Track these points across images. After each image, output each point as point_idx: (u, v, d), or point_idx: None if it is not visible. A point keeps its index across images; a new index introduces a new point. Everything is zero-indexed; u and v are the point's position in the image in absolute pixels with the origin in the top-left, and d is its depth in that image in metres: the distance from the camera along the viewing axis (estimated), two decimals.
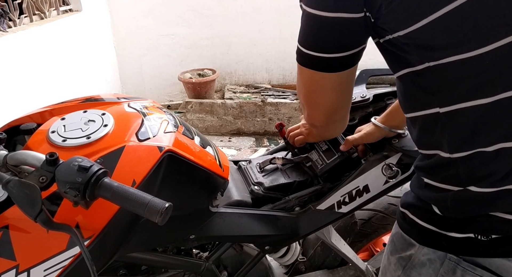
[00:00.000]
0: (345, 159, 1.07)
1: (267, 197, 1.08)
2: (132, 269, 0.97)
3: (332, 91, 0.68)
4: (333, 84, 0.67)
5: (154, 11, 3.73)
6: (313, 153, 1.13)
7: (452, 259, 0.62)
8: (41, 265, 0.65)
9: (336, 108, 0.73)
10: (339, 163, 1.07)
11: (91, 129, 0.75)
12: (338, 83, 0.67)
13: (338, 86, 0.67)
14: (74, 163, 0.58)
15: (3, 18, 2.27)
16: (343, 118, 0.79)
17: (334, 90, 0.68)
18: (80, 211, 0.66)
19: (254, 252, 1.14)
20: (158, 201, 0.56)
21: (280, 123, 1.19)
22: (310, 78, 0.67)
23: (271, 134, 3.48)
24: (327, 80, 0.66)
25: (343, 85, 0.68)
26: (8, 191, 0.58)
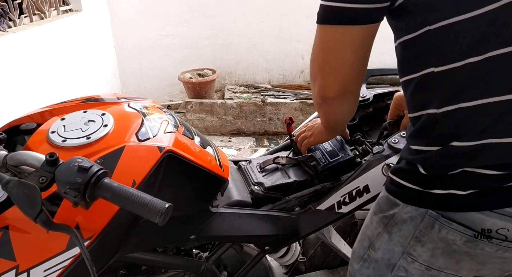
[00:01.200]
0: (347, 159, 1.08)
1: (267, 197, 1.08)
2: (132, 269, 0.97)
3: (352, 51, 0.66)
4: (355, 41, 0.65)
5: (154, 11, 3.73)
6: (317, 152, 1.14)
7: (432, 215, 0.66)
8: (41, 266, 0.65)
9: (354, 73, 0.69)
10: (341, 163, 1.08)
11: (91, 130, 0.75)
12: (360, 41, 0.65)
13: (360, 45, 0.65)
14: (74, 163, 0.58)
15: (3, 18, 2.27)
16: (355, 92, 0.75)
17: (355, 50, 0.66)
18: (80, 212, 0.66)
19: (254, 252, 1.14)
20: (158, 201, 0.56)
21: (290, 118, 1.19)
22: (331, 36, 0.66)
23: (271, 134, 3.48)
24: (350, 35, 0.64)
25: (364, 45, 0.66)
26: (8, 191, 0.58)
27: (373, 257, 0.78)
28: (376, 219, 0.78)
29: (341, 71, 0.69)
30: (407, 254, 0.72)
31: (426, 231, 0.68)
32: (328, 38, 0.66)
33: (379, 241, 0.76)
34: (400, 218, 0.72)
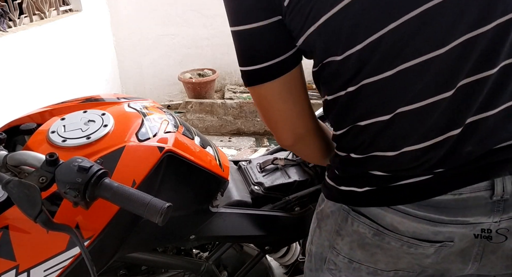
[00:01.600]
0: None
1: (267, 197, 1.08)
2: (132, 269, 0.97)
3: (282, 102, 0.69)
4: (280, 93, 0.68)
5: (154, 11, 3.73)
6: None
7: (345, 209, 0.72)
8: (41, 266, 0.65)
9: (295, 120, 0.72)
10: None
11: (91, 130, 0.75)
12: (285, 90, 0.68)
13: (287, 94, 0.69)
14: (74, 163, 0.58)
15: (3, 18, 2.27)
16: (311, 134, 0.77)
17: (284, 100, 0.69)
18: (80, 212, 0.66)
19: (254, 252, 1.15)
20: (158, 201, 0.56)
21: None
22: (258, 95, 0.70)
23: (271, 134, 3.47)
24: (272, 90, 0.68)
25: (292, 92, 0.69)
26: (8, 191, 0.58)
27: (312, 251, 0.83)
28: (314, 215, 0.83)
29: (282, 122, 0.72)
30: (332, 247, 0.76)
31: (343, 224, 0.73)
32: (257, 97, 0.71)
33: (314, 236, 0.81)
34: (325, 213, 0.77)
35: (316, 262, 0.81)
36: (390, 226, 0.67)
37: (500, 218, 0.63)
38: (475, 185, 0.62)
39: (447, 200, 0.63)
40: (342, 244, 0.74)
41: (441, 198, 0.63)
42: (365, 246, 0.71)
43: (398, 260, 0.70)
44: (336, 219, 0.74)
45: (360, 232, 0.70)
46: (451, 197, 0.63)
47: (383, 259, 0.70)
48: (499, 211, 0.63)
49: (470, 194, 0.63)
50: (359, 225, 0.70)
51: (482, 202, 0.63)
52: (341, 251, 0.74)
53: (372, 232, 0.69)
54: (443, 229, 0.65)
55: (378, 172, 0.66)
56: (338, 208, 0.74)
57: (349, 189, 0.70)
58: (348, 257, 0.74)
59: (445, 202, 0.64)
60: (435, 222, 0.65)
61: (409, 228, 0.66)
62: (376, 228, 0.68)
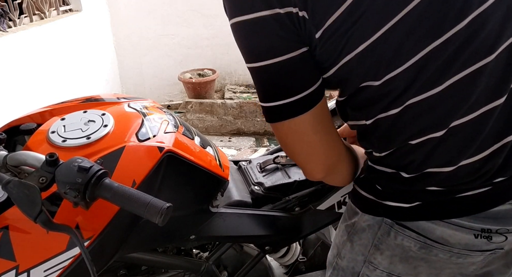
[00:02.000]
0: None
1: (267, 197, 1.07)
2: (132, 269, 0.97)
3: (314, 133, 0.65)
4: (312, 125, 0.64)
5: (154, 11, 3.73)
6: None
7: (387, 222, 0.70)
8: (41, 266, 0.65)
9: (327, 151, 0.68)
10: None
11: (91, 130, 0.75)
12: (316, 122, 0.64)
13: (317, 126, 0.65)
14: (74, 163, 0.58)
15: (3, 18, 2.27)
16: (342, 160, 0.73)
17: (315, 131, 0.65)
18: (80, 212, 0.66)
19: (254, 252, 1.14)
20: (158, 201, 0.56)
21: None
22: (287, 130, 0.65)
23: (271, 134, 3.48)
24: (304, 123, 0.64)
25: (322, 124, 0.66)
26: (8, 191, 0.58)
27: (340, 265, 0.80)
28: (342, 227, 0.80)
29: (315, 155, 0.68)
30: (368, 262, 0.74)
31: (383, 238, 0.71)
32: (285, 133, 0.66)
33: (344, 249, 0.78)
34: (360, 226, 0.74)
35: (346, 276, 0.78)
36: (441, 239, 0.65)
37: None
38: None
39: (505, 210, 0.62)
40: (380, 259, 0.72)
41: (499, 208, 0.62)
42: (409, 259, 0.69)
43: (441, 271, 0.69)
44: (374, 233, 0.72)
45: (404, 245, 0.68)
46: (509, 206, 0.62)
47: (426, 271, 0.69)
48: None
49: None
50: (403, 239, 0.68)
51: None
52: (379, 266, 0.73)
53: (418, 246, 0.67)
54: (497, 238, 0.64)
55: (433, 187, 0.64)
56: (378, 221, 0.71)
57: (396, 205, 0.68)
58: (387, 271, 0.72)
59: (503, 212, 0.62)
60: (491, 232, 0.63)
61: (462, 240, 0.64)
62: (423, 242, 0.66)
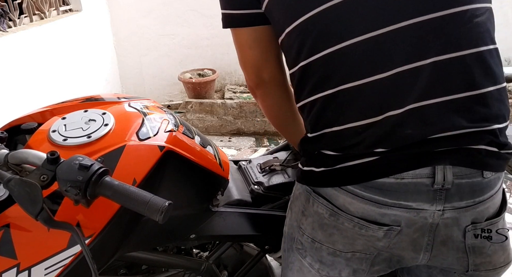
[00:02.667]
0: None
1: (267, 196, 1.08)
2: (132, 269, 0.98)
3: (249, 48, 0.81)
4: (247, 40, 0.80)
5: (154, 11, 3.73)
6: None
7: (308, 190, 0.77)
8: (42, 264, 0.65)
9: (260, 65, 0.83)
10: None
11: (91, 129, 0.76)
12: (254, 39, 0.80)
13: (256, 42, 0.80)
14: (75, 161, 0.58)
15: (3, 18, 2.27)
16: (274, 80, 0.86)
17: (253, 46, 0.81)
18: (81, 210, 0.66)
19: (254, 252, 1.15)
20: (159, 199, 0.57)
21: None
22: (234, 38, 0.82)
23: (271, 134, 3.48)
24: (242, 36, 0.80)
25: (261, 42, 0.80)
26: (9, 189, 0.58)
27: (285, 231, 0.87)
28: (290, 198, 0.88)
29: (250, 63, 0.84)
30: (299, 227, 0.80)
31: (307, 204, 0.78)
32: (233, 39, 0.83)
33: (287, 217, 0.87)
34: (295, 195, 0.83)
35: (288, 242, 0.85)
36: (343, 206, 0.72)
37: (443, 206, 0.67)
38: (417, 171, 0.66)
39: (389, 183, 0.67)
40: (306, 224, 0.78)
41: (385, 180, 0.67)
42: (324, 226, 0.75)
43: (354, 242, 0.73)
44: (302, 200, 0.79)
45: (319, 212, 0.75)
46: (393, 180, 0.67)
47: (340, 240, 0.74)
48: (441, 200, 0.66)
49: (411, 179, 0.66)
50: (318, 206, 0.75)
51: (424, 189, 0.66)
52: (306, 231, 0.78)
53: (328, 213, 0.73)
54: (387, 211, 0.69)
55: (328, 151, 0.71)
56: (304, 189, 0.79)
57: (309, 169, 0.75)
58: (311, 237, 0.77)
59: (387, 185, 0.67)
60: (380, 204, 0.68)
61: (358, 208, 0.70)
62: (331, 209, 0.73)
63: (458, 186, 0.66)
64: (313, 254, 0.78)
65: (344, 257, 0.75)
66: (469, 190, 0.67)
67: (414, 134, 0.64)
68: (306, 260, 0.80)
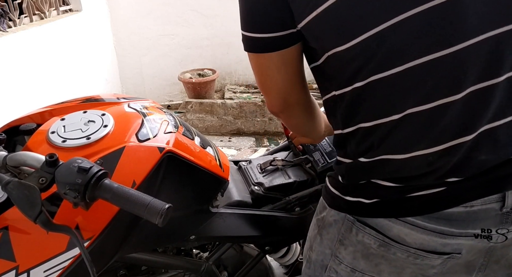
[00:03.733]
0: None
1: (267, 197, 1.07)
2: (132, 270, 0.97)
3: (277, 72, 0.72)
4: (276, 64, 0.71)
5: (154, 11, 3.73)
6: (317, 153, 1.14)
7: (349, 219, 0.71)
8: (41, 266, 0.65)
9: (287, 89, 0.75)
10: None
11: (91, 130, 0.75)
12: (281, 63, 0.71)
13: (282, 66, 0.71)
14: (74, 164, 0.58)
15: (3, 18, 2.27)
16: (299, 103, 0.80)
17: (279, 70, 0.72)
18: (80, 212, 0.66)
19: (254, 252, 1.14)
20: (158, 202, 0.56)
21: None
22: (256, 62, 0.73)
23: (271, 134, 3.48)
24: (271, 60, 0.70)
25: (287, 66, 0.72)
26: (8, 192, 0.58)
27: (312, 257, 0.82)
28: (314, 221, 0.82)
29: (275, 88, 0.75)
30: (335, 256, 0.75)
31: (347, 234, 0.72)
32: (254, 64, 0.73)
33: (315, 243, 0.81)
34: (327, 221, 0.76)
35: (316, 269, 0.80)
36: (397, 237, 0.67)
37: (507, 229, 0.63)
38: (486, 197, 0.61)
39: (458, 213, 0.63)
40: (345, 254, 0.73)
41: (453, 210, 0.63)
42: (370, 256, 0.70)
43: (402, 270, 0.69)
44: (339, 229, 0.73)
45: (365, 242, 0.70)
46: (462, 209, 0.62)
47: (387, 269, 0.70)
48: (507, 222, 0.63)
49: (481, 206, 0.62)
50: (364, 236, 0.69)
51: (492, 214, 0.62)
52: (344, 260, 0.74)
53: (377, 243, 0.68)
54: (452, 241, 0.65)
55: (385, 182, 0.65)
56: (342, 217, 0.73)
57: (356, 200, 0.69)
58: (350, 267, 0.73)
59: (456, 215, 0.63)
60: (445, 234, 0.64)
61: (417, 239, 0.66)
62: (382, 239, 0.68)
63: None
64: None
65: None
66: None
67: (488, 159, 0.60)
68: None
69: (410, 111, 0.59)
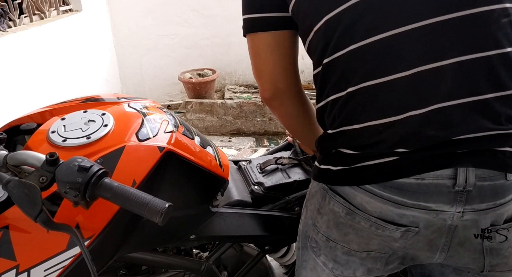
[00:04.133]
0: None
1: (267, 197, 1.08)
2: (132, 269, 0.97)
3: (270, 53, 0.78)
4: (270, 44, 0.78)
5: (154, 11, 3.73)
6: None
7: (324, 188, 0.77)
8: (41, 265, 0.65)
9: (277, 74, 0.80)
10: None
11: (91, 130, 0.75)
12: (274, 43, 0.78)
13: (275, 47, 0.78)
14: (74, 163, 0.58)
15: (3, 18, 2.27)
16: (290, 90, 0.84)
17: (272, 51, 0.78)
18: (80, 211, 0.66)
19: (254, 252, 1.15)
20: (158, 201, 0.56)
21: None
22: (251, 43, 0.80)
23: (271, 134, 3.48)
24: (264, 40, 0.78)
25: (280, 48, 0.78)
26: (8, 191, 0.58)
27: (300, 230, 0.87)
28: (306, 196, 0.87)
29: (267, 71, 0.81)
30: (314, 225, 0.80)
31: (323, 203, 0.77)
32: (250, 46, 0.80)
33: (302, 215, 0.87)
34: (311, 192, 0.83)
35: (302, 240, 0.85)
36: (360, 205, 0.71)
37: (463, 208, 0.66)
38: (438, 172, 0.64)
39: (410, 184, 0.66)
40: (321, 222, 0.78)
41: (404, 180, 0.66)
42: (339, 225, 0.74)
43: (369, 241, 0.73)
44: (317, 198, 0.79)
45: (335, 211, 0.74)
46: (413, 181, 0.66)
47: (356, 239, 0.73)
48: (461, 202, 0.66)
49: (432, 180, 0.65)
50: (334, 204, 0.74)
51: (445, 190, 0.65)
52: (320, 229, 0.78)
53: (345, 211, 0.73)
54: (406, 212, 0.68)
55: (347, 149, 0.70)
56: (320, 187, 0.78)
57: (326, 167, 0.75)
58: (325, 235, 0.77)
59: (407, 185, 0.66)
60: (399, 204, 0.67)
61: (376, 208, 0.69)
62: (348, 207, 0.72)
63: (480, 188, 0.65)
64: (327, 253, 0.78)
65: (359, 256, 0.75)
66: (490, 192, 0.66)
67: (437, 136, 0.63)
68: (320, 259, 0.80)
69: (363, 86, 0.66)
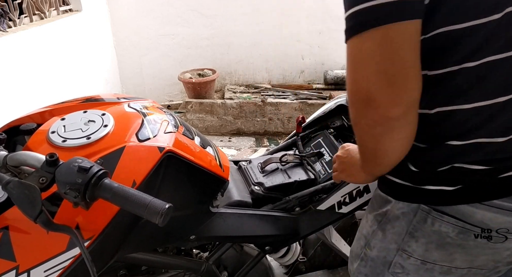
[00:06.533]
0: None
1: (268, 197, 1.08)
2: (132, 270, 0.97)
3: (411, 49, 0.55)
4: (412, 38, 0.54)
5: (154, 11, 3.73)
6: (317, 164, 1.14)
7: (424, 209, 0.69)
8: (41, 266, 0.65)
9: (417, 77, 0.57)
10: None
11: (91, 130, 0.75)
12: (416, 38, 0.55)
13: (416, 43, 0.55)
14: (74, 163, 0.58)
15: (3, 18, 2.27)
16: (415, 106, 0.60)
17: (413, 48, 0.55)
18: (80, 212, 0.66)
19: (254, 252, 1.14)
20: (159, 202, 0.56)
21: (302, 117, 1.19)
22: (383, 39, 0.54)
23: (271, 134, 3.48)
24: (405, 33, 0.53)
25: (418, 47, 0.56)
26: (8, 191, 0.58)
27: (369, 255, 0.79)
28: (371, 217, 0.80)
29: (403, 77, 0.55)
30: (402, 250, 0.73)
31: (419, 225, 0.70)
32: (379, 43, 0.54)
33: (374, 239, 0.78)
34: (393, 214, 0.74)
35: (377, 266, 0.78)
36: (480, 223, 0.65)
37: None
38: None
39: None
40: (415, 246, 0.72)
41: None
42: (445, 245, 0.69)
43: (476, 258, 0.69)
44: (409, 221, 0.71)
45: (442, 232, 0.68)
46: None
47: (461, 257, 0.69)
48: None
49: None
50: (441, 225, 0.67)
51: None
52: (413, 253, 0.72)
53: (456, 231, 0.66)
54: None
55: (475, 165, 0.62)
56: (414, 208, 0.70)
57: (438, 188, 0.65)
58: (421, 259, 0.72)
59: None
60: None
61: (503, 223, 0.64)
62: (462, 226, 0.66)
63: None
64: (419, 276, 0.73)
65: (459, 273, 0.71)
66: None
67: None
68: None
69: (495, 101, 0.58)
